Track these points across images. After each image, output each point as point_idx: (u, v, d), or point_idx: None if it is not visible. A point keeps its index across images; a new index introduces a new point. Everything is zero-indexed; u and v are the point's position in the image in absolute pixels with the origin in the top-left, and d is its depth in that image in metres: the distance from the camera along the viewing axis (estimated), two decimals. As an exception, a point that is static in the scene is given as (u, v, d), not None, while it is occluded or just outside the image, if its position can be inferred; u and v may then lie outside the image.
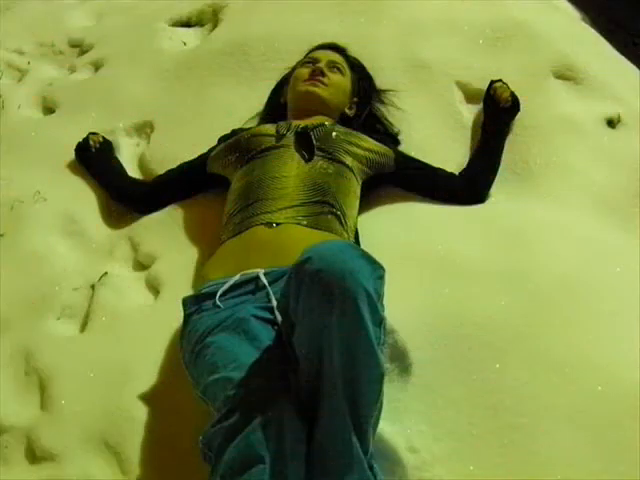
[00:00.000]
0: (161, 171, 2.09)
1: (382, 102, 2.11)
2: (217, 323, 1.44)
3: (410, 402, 1.46)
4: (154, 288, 1.86)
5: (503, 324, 1.54)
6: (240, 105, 2.20)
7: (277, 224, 1.63)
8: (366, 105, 2.06)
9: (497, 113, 2.02)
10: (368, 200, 1.89)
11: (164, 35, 2.59)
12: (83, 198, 2.11)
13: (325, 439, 1.19)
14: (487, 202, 1.90)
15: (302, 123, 1.86)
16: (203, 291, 1.57)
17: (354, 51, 2.15)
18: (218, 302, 1.49)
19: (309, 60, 2.03)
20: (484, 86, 2.08)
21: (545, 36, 2.22)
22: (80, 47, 2.77)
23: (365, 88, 2.08)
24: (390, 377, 1.48)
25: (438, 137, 2.06)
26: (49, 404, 1.63)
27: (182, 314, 1.56)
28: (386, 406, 1.31)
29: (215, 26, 2.56)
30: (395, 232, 1.81)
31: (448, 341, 1.52)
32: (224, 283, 1.52)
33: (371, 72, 2.14)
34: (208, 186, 1.99)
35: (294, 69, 2.07)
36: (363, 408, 1.20)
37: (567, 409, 1.41)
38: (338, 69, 2.01)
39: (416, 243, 1.76)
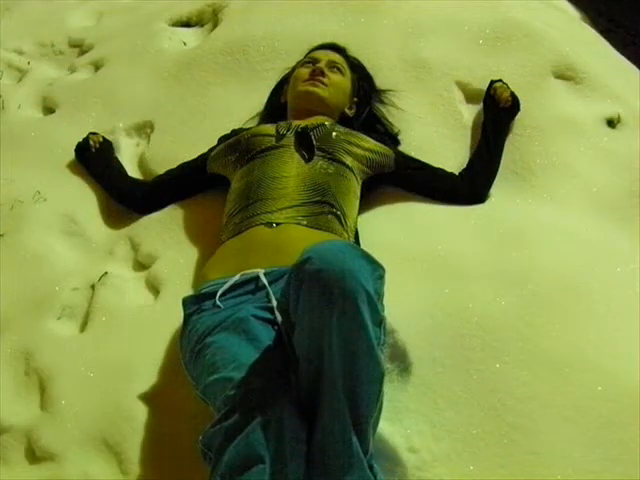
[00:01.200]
0: (161, 171, 2.09)
1: (382, 102, 2.11)
2: (217, 323, 1.44)
3: (410, 402, 1.46)
4: (154, 288, 1.86)
5: (503, 324, 1.54)
6: (240, 105, 2.21)
7: (277, 224, 1.63)
8: (366, 105, 2.06)
9: (497, 113, 2.02)
10: (368, 200, 1.89)
11: (164, 35, 2.59)
12: (83, 198, 2.11)
13: (325, 439, 1.19)
14: (487, 202, 1.90)
15: (302, 123, 1.86)
16: (203, 291, 1.57)
17: (354, 51, 2.15)
18: (218, 302, 1.49)
19: (309, 60, 2.03)
20: (484, 86, 2.08)
21: (545, 36, 2.22)
22: (80, 47, 2.77)
23: (365, 88, 2.08)
24: (390, 377, 1.49)
25: (438, 137, 2.06)
26: (49, 404, 1.63)
27: (182, 314, 1.56)
28: (386, 406, 1.31)
29: (215, 26, 2.56)
30: (395, 232, 1.81)
31: (448, 341, 1.53)
32: (224, 283, 1.52)
33: (371, 72, 2.14)
34: (208, 186, 1.99)
35: (294, 69, 2.07)
36: (363, 408, 1.20)
37: (567, 409, 1.41)
38: (338, 69, 2.01)
39: (416, 243, 1.76)
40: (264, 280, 1.50)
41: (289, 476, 1.16)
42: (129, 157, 2.24)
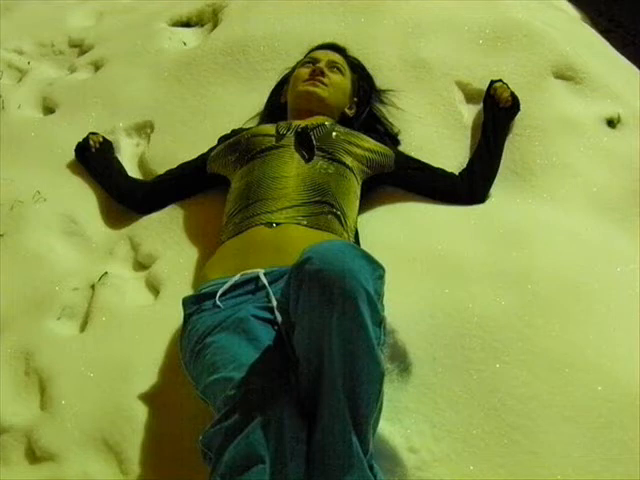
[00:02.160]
0: (161, 171, 2.09)
1: (382, 102, 2.11)
2: (217, 323, 1.44)
3: (410, 402, 1.46)
4: (154, 288, 1.86)
5: (503, 324, 1.54)
6: (240, 105, 2.21)
7: (277, 224, 1.63)
8: (366, 105, 2.06)
9: (497, 113, 2.02)
10: (368, 200, 1.89)
11: (164, 35, 2.60)
12: (83, 198, 2.11)
13: (325, 439, 1.20)
14: (487, 202, 1.90)
15: (302, 123, 1.87)
16: (203, 291, 1.57)
17: (354, 51, 2.15)
18: (218, 302, 1.49)
19: (309, 60, 2.03)
20: (484, 86, 2.08)
21: (545, 36, 2.22)
22: (80, 47, 2.77)
23: (365, 88, 2.08)
24: (390, 377, 1.49)
25: (438, 137, 2.06)
26: (49, 404, 1.63)
27: (182, 314, 1.56)
28: (386, 406, 1.32)
29: (215, 26, 2.56)
30: (395, 232, 1.81)
31: (448, 341, 1.53)
32: (224, 283, 1.52)
33: (371, 72, 2.14)
34: (208, 186, 1.99)
35: (294, 69, 2.07)
36: (363, 408, 1.20)
37: (567, 409, 1.41)
38: (338, 69, 2.01)
39: (416, 243, 1.77)
40: (264, 280, 1.50)
41: (289, 476, 1.16)
42: (129, 157, 2.24)
